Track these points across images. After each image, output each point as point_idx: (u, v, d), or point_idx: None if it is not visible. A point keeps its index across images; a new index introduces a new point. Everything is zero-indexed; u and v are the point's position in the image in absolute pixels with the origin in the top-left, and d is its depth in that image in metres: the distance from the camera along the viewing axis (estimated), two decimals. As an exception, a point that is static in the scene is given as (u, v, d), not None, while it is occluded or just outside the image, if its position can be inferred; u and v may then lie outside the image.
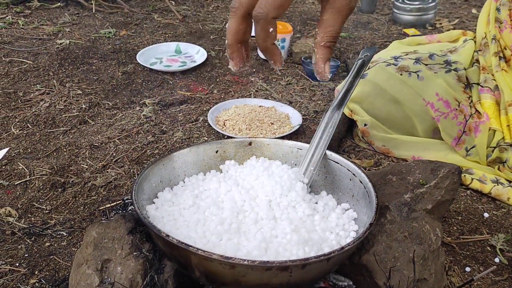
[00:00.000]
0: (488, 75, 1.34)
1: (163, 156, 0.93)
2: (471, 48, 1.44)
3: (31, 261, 0.99)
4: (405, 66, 1.33)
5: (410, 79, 1.30)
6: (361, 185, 0.86)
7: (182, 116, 1.54)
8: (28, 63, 1.86)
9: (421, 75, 1.31)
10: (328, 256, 0.66)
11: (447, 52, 1.44)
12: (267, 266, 0.63)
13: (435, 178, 0.93)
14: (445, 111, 1.28)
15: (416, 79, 1.30)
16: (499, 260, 1.03)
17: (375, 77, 1.33)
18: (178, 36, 2.19)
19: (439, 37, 1.58)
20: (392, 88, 1.31)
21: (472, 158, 1.28)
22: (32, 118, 1.51)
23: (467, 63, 1.38)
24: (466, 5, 2.75)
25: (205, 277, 0.70)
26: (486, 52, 1.38)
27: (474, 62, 1.40)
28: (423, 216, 0.87)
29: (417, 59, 1.35)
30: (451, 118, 1.28)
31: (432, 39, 1.58)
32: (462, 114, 1.28)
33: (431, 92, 1.29)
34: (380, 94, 1.32)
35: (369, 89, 1.33)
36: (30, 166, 1.28)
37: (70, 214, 1.13)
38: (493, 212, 1.18)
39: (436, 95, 1.28)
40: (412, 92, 1.30)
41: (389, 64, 1.34)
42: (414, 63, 1.33)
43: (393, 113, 1.33)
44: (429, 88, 1.29)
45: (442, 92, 1.28)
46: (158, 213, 0.82)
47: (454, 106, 1.28)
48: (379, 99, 1.33)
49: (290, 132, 1.42)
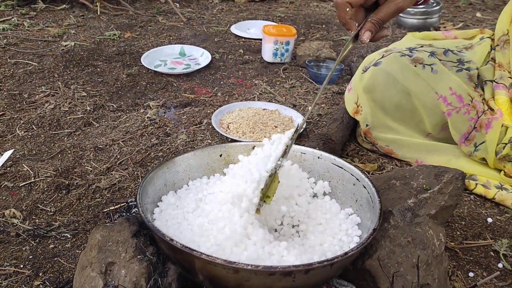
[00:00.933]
0: (504, 72, 1.32)
1: (167, 160, 0.94)
2: (487, 46, 1.42)
3: (35, 263, 1.00)
4: (419, 58, 1.31)
5: (424, 71, 1.29)
6: (365, 190, 0.86)
7: (186, 118, 1.55)
8: (33, 65, 1.87)
9: (435, 68, 1.30)
10: (331, 261, 0.66)
11: (462, 48, 1.42)
12: (270, 271, 0.63)
13: (439, 183, 0.93)
14: (458, 106, 1.27)
15: (430, 72, 1.29)
16: (502, 266, 1.03)
17: (388, 66, 1.31)
18: (182, 38, 2.20)
19: (455, 33, 1.56)
20: (405, 79, 1.30)
21: (480, 153, 1.26)
22: (37, 120, 1.51)
23: (480, 62, 1.37)
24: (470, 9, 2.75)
25: (209, 281, 0.70)
26: (505, 49, 1.37)
27: (488, 61, 1.39)
28: (427, 221, 0.87)
29: (432, 52, 1.33)
30: (463, 113, 1.27)
31: (448, 35, 1.56)
32: (474, 110, 1.27)
33: (445, 86, 1.27)
34: (393, 84, 1.31)
35: (381, 78, 1.31)
36: (35, 168, 1.29)
37: (74, 216, 1.13)
38: (497, 217, 1.17)
39: (449, 89, 1.27)
40: (425, 84, 1.29)
41: (404, 54, 1.32)
42: (429, 56, 1.32)
43: (403, 105, 1.32)
44: (443, 82, 1.28)
45: (456, 87, 1.27)
46: (162, 217, 0.82)
47: (467, 101, 1.27)
48: (390, 89, 1.31)
49: (293, 136, 1.42)
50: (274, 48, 1.93)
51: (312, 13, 2.65)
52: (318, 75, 1.79)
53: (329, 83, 1.79)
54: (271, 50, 1.94)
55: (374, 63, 1.33)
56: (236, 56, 2.04)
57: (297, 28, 2.32)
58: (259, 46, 2.10)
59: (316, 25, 2.44)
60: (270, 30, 1.93)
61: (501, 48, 1.37)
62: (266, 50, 1.96)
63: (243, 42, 2.20)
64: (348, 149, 1.42)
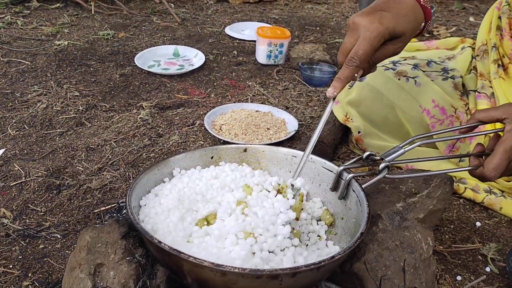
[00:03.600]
0: (485, 81, 1.34)
1: (159, 161, 0.94)
2: (468, 55, 1.44)
3: (25, 263, 1.00)
4: (403, 71, 1.33)
5: (407, 84, 1.31)
6: (354, 194, 0.86)
7: (179, 119, 1.55)
8: (26, 64, 1.86)
9: (418, 81, 1.31)
10: (318, 265, 0.66)
11: (445, 59, 1.44)
12: (257, 274, 0.64)
13: (428, 187, 0.94)
14: (441, 118, 1.29)
15: (413, 85, 1.31)
16: (490, 270, 1.04)
17: (373, 81, 1.33)
18: (176, 39, 2.20)
19: (437, 43, 1.59)
20: (390, 93, 1.32)
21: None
22: (28, 119, 1.51)
23: (464, 71, 1.39)
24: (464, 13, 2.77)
25: (197, 283, 0.71)
26: (484, 58, 1.39)
27: (471, 69, 1.41)
28: (415, 225, 0.88)
29: (415, 65, 1.36)
30: (446, 125, 1.29)
31: (430, 46, 1.59)
32: (458, 121, 1.29)
33: (427, 99, 1.29)
34: (378, 98, 1.33)
35: (366, 92, 1.34)
36: (26, 168, 1.28)
37: (64, 217, 1.13)
38: (485, 221, 1.18)
39: (432, 101, 1.29)
40: (409, 97, 1.30)
41: (388, 68, 1.34)
42: (412, 69, 1.34)
43: (389, 119, 1.34)
44: (426, 94, 1.30)
45: (438, 99, 1.29)
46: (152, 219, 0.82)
47: (450, 112, 1.29)
48: (376, 103, 1.33)
49: (286, 138, 1.42)
50: (268, 50, 1.94)
51: (306, 15, 2.66)
52: (311, 78, 1.80)
53: (321, 85, 1.80)
54: (265, 52, 1.94)
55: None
56: (230, 58, 2.04)
57: (291, 30, 2.33)
58: (253, 47, 2.10)
59: (310, 28, 2.45)
60: (264, 32, 1.94)
61: (481, 58, 1.39)
62: (260, 52, 1.96)
63: (237, 43, 2.21)
64: (340, 152, 1.43)
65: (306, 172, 0.97)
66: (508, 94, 1.27)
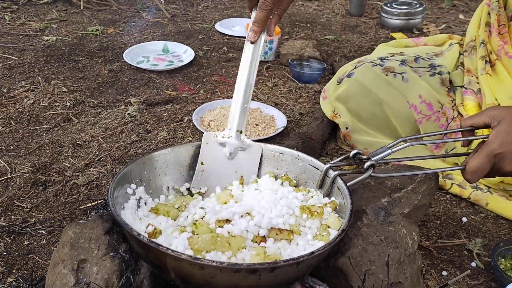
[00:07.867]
0: (472, 77, 1.35)
1: (144, 155, 0.93)
2: (456, 51, 1.45)
3: (9, 260, 0.99)
4: (391, 67, 1.33)
5: (395, 80, 1.31)
6: (339, 192, 0.86)
7: (167, 115, 1.54)
8: (13, 59, 1.84)
9: (406, 76, 1.32)
10: (297, 260, 0.66)
11: (432, 55, 1.45)
12: (235, 268, 0.64)
13: (412, 182, 0.94)
14: (428, 114, 1.29)
15: (401, 81, 1.31)
16: (475, 265, 1.04)
17: (361, 77, 1.34)
18: (166, 35, 2.19)
19: (425, 40, 1.60)
20: (377, 89, 1.32)
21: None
22: (15, 115, 1.50)
23: (451, 67, 1.40)
24: (453, 11, 2.78)
25: (179, 278, 0.70)
26: (472, 54, 1.39)
27: (458, 65, 1.41)
28: (400, 220, 0.88)
29: (402, 61, 1.36)
30: (433, 121, 1.29)
31: (418, 42, 1.59)
32: (444, 117, 1.29)
33: (415, 95, 1.30)
34: (366, 94, 1.33)
35: (354, 88, 1.34)
36: (12, 164, 1.27)
37: (50, 213, 1.12)
38: (472, 216, 1.19)
39: (419, 97, 1.29)
40: (397, 93, 1.31)
41: (376, 64, 1.35)
42: (399, 65, 1.34)
43: (377, 114, 1.34)
44: (413, 90, 1.30)
45: (425, 94, 1.29)
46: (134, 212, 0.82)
47: (437, 108, 1.29)
48: (364, 99, 1.34)
49: (274, 134, 1.42)
50: (258, 46, 1.93)
51: (297, 11, 2.65)
52: (301, 74, 1.80)
53: (311, 82, 1.80)
54: (254, 48, 1.93)
55: (347, 74, 1.36)
56: (220, 54, 2.03)
57: (281, 26, 2.32)
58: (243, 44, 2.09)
59: (301, 24, 2.44)
60: (253, 28, 1.92)
61: (469, 54, 1.40)
62: (249, 48, 1.95)
63: (227, 39, 2.20)
64: (328, 148, 1.43)
65: (293, 170, 0.97)
66: (495, 90, 1.28)
